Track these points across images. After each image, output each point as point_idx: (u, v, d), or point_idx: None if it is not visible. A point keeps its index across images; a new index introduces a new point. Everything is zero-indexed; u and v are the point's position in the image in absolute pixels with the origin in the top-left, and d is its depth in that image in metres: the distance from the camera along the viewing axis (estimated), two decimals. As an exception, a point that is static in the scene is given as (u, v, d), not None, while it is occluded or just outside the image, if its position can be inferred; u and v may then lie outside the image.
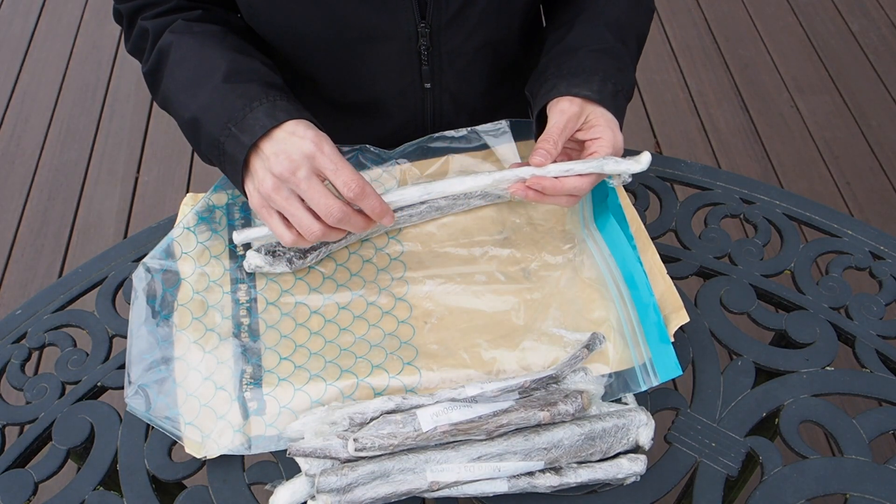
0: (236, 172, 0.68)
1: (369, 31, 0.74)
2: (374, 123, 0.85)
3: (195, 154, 2.13)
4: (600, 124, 0.70)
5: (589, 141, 0.71)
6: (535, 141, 0.77)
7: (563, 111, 0.70)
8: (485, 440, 0.63)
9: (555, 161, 0.70)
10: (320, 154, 0.64)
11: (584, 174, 0.70)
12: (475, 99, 0.85)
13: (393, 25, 0.74)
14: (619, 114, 0.73)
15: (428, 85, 0.81)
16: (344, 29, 0.74)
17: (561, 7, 0.82)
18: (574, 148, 0.75)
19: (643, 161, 0.72)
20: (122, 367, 0.73)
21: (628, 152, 0.91)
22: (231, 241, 0.77)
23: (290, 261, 0.74)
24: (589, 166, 0.69)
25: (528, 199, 0.71)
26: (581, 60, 0.73)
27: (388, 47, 0.76)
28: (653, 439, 0.66)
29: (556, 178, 0.69)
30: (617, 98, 0.72)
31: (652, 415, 0.67)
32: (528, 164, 0.71)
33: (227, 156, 0.68)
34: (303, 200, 0.65)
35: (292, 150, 0.64)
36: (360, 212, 0.67)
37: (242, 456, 0.67)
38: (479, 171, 0.73)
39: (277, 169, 0.64)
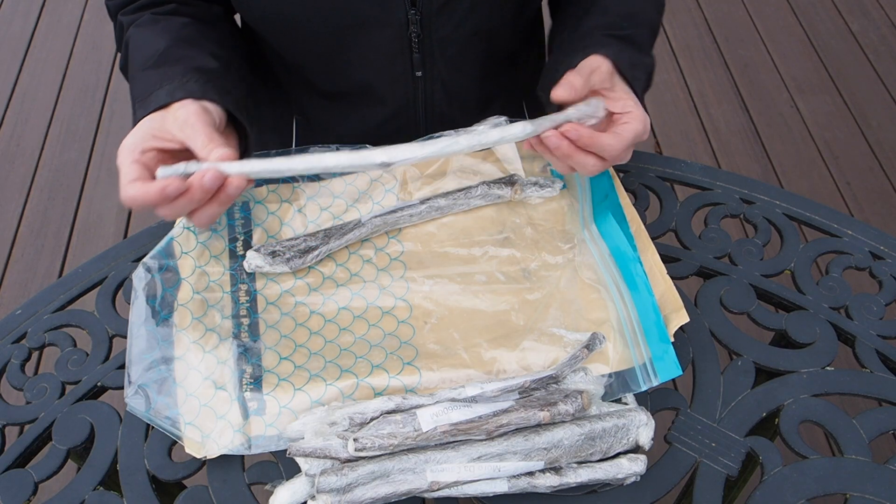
0: None
1: (360, 18, 0.74)
2: (365, 112, 0.85)
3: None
4: (628, 98, 0.68)
5: (618, 115, 0.69)
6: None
7: (594, 61, 0.67)
8: (485, 440, 0.63)
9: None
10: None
11: (609, 138, 0.67)
12: (467, 88, 0.85)
13: (383, 12, 0.74)
14: (637, 83, 0.71)
15: (419, 73, 0.80)
16: (334, 15, 0.74)
17: (567, 7, 0.81)
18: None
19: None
20: (122, 367, 0.73)
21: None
22: (231, 240, 0.77)
23: (289, 261, 0.74)
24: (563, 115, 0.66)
25: (561, 153, 0.67)
26: (595, 40, 0.71)
27: (378, 34, 0.76)
28: (653, 439, 0.66)
29: (586, 128, 0.66)
30: (634, 70, 0.70)
31: (652, 415, 0.67)
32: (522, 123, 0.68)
33: None
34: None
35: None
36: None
37: (242, 456, 0.67)
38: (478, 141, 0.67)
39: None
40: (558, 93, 0.66)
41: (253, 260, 0.74)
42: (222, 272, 0.75)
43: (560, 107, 0.70)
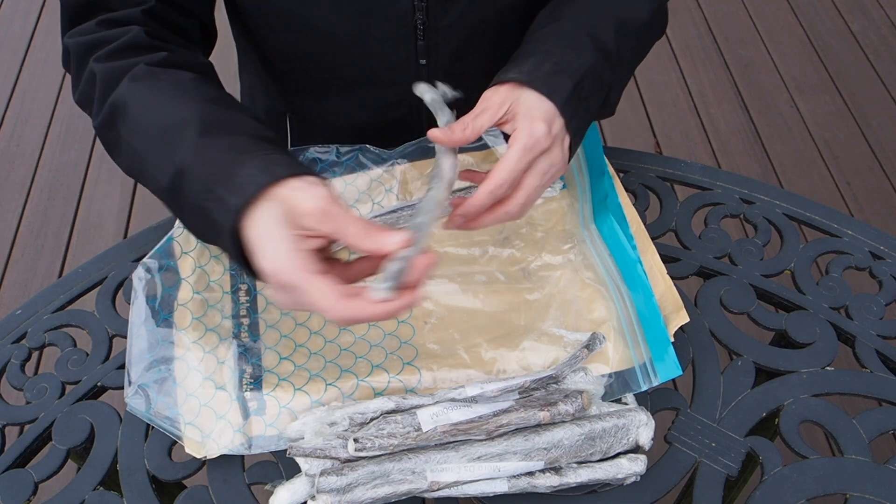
0: (234, 246, 0.54)
1: (368, 7, 0.73)
2: (367, 101, 0.84)
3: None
4: (519, 112, 0.61)
5: (511, 131, 0.62)
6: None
7: (483, 99, 0.63)
8: (485, 440, 0.63)
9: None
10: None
11: (515, 202, 0.61)
12: (470, 79, 0.84)
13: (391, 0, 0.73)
14: (558, 93, 0.63)
15: (423, 61, 0.79)
16: (346, 8, 0.73)
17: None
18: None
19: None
20: (122, 367, 0.73)
21: (632, 153, 0.91)
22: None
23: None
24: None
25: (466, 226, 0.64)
26: (525, 46, 0.68)
27: (384, 21, 0.75)
28: (653, 439, 0.66)
29: (480, 206, 0.61)
30: (556, 77, 0.63)
31: (652, 415, 0.67)
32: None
33: (217, 225, 0.55)
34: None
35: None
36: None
37: (242, 456, 0.67)
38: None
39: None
40: (435, 135, 0.59)
41: (253, 260, 0.74)
42: (222, 272, 0.75)
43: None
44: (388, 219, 0.77)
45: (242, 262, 0.55)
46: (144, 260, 0.75)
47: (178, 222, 0.78)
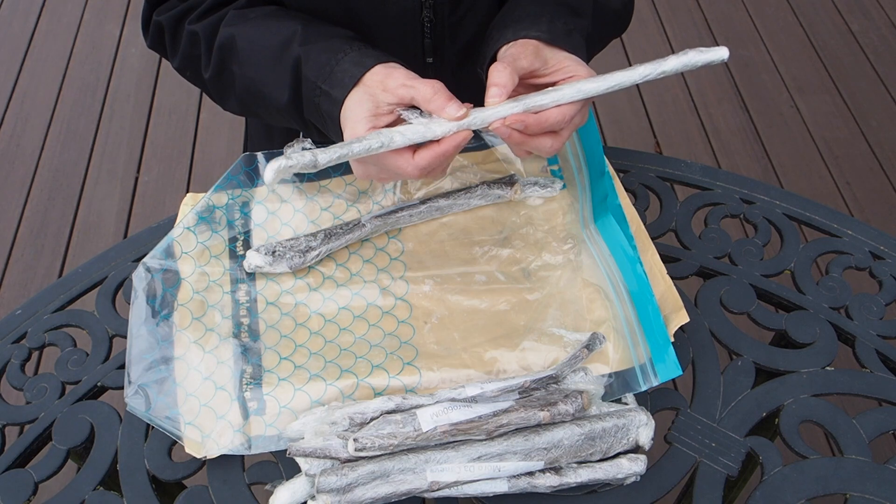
0: (338, 134, 0.66)
1: (377, 3, 0.74)
2: None
3: (196, 154, 2.14)
4: (568, 64, 0.65)
5: (563, 81, 0.65)
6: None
7: (516, 49, 0.65)
8: (485, 440, 0.63)
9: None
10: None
11: (568, 103, 0.63)
12: (478, 79, 0.84)
13: None
14: (581, 53, 0.67)
15: (430, 59, 0.79)
16: (354, 4, 0.74)
17: None
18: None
19: (721, 53, 0.63)
20: (122, 367, 0.73)
21: (632, 153, 0.91)
22: (231, 240, 0.77)
23: (290, 260, 0.74)
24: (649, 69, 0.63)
25: (513, 142, 0.65)
26: (524, 7, 0.70)
27: (391, 17, 0.75)
28: (653, 439, 0.66)
29: (537, 112, 0.63)
30: (572, 36, 0.68)
31: (652, 415, 0.67)
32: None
33: (327, 117, 0.66)
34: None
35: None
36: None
37: (242, 456, 0.67)
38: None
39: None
40: (492, 100, 0.63)
41: (253, 260, 0.74)
42: (222, 272, 0.75)
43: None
44: (388, 219, 0.77)
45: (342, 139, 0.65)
46: (144, 260, 0.75)
47: (178, 222, 0.78)
